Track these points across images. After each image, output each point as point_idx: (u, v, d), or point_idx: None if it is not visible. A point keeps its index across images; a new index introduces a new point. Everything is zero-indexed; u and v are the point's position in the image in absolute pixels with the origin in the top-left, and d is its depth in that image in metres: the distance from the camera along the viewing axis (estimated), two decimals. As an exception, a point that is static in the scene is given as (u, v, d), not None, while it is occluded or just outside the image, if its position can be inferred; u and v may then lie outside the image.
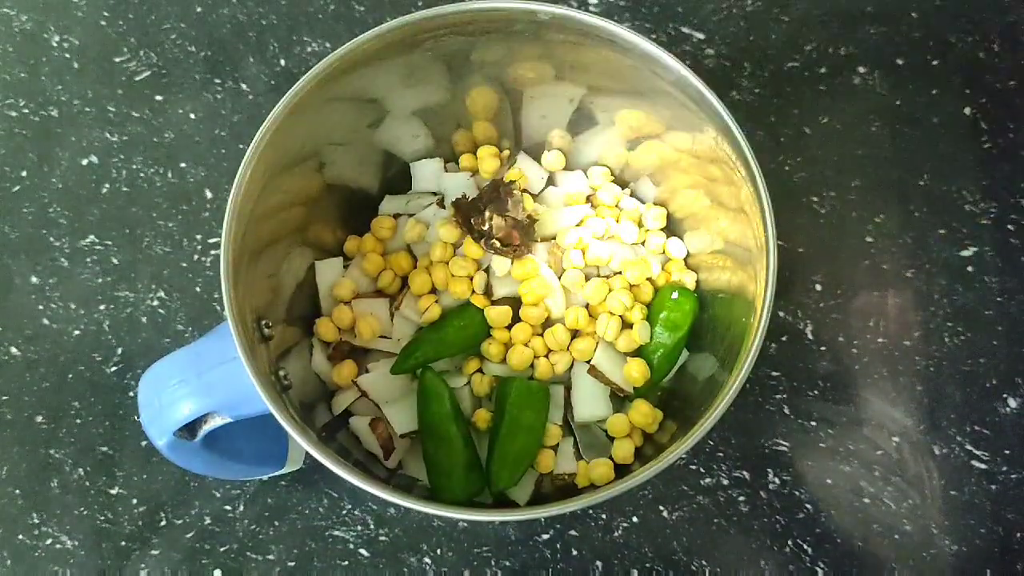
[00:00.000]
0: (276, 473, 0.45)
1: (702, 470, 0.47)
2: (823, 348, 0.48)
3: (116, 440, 0.48)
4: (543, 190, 0.46)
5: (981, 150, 0.50)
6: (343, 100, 0.39)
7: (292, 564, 0.46)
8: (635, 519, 0.46)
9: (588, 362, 0.43)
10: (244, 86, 0.52)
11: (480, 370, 0.44)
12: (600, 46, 0.37)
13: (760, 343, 0.34)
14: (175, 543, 0.46)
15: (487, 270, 0.44)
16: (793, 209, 0.49)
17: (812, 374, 0.47)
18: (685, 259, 0.45)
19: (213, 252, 0.50)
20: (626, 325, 0.43)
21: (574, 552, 0.46)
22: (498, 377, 0.43)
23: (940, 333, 0.48)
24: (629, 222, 0.45)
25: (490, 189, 0.43)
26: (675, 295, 0.43)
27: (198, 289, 0.50)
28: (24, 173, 0.51)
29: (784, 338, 0.48)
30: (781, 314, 0.48)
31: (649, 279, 0.44)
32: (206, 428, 0.36)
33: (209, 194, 0.51)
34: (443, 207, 0.45)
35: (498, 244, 0.42)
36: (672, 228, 0.46)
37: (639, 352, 0.43)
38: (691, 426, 0.34)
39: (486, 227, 0.42)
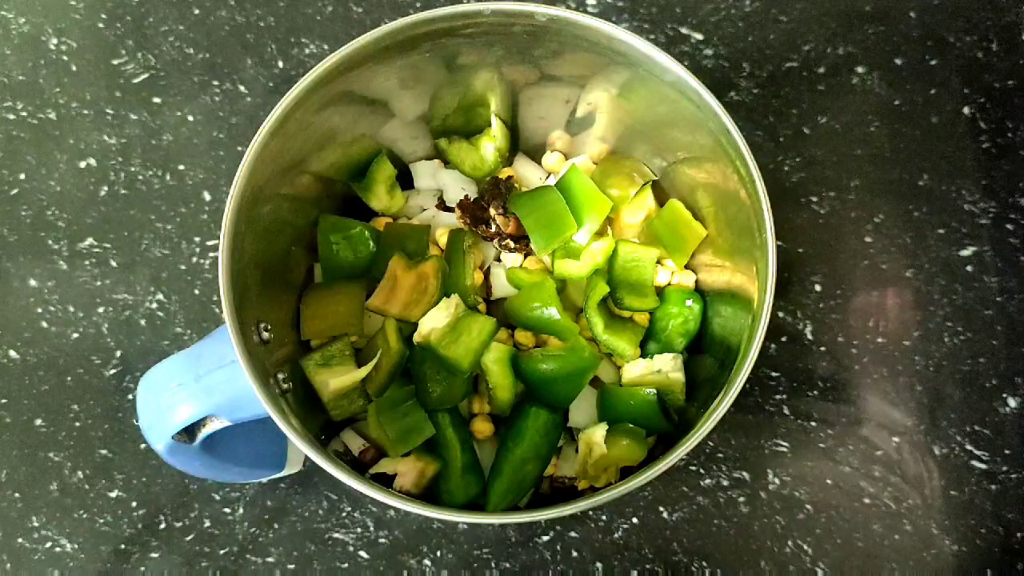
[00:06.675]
0: (275, 476, 0.45)
1: (702, 471, 0.46)
2: (822, 348, 0.48)
3: (115, 443, 0.48)
4: (542, 191, 0.46)
5: (980, 150, 0.50)
6: (341, 102, 0.39)
7: (292, 567, 0.46)
8: (635, 520, 0.46)
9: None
10: (242, 88, 0.52)
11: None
12: (598, 47, 0.37)
13: (759, 344, 0.34)
14: (174, 546, 0.46)
15: (486, 272, 0.44)
16: (792, 209, 0.49)
17: (812, 374, 0.47)
18: (684, 260, 0.45)
19: (212, 254, 0.50)
20: (625, 326, 0.43)
21: (574, 553, 0.46)
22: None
23: (940, 333, 0.48)
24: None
25: (491, 186, 0.43)
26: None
27: (197, 292, 0.49)
28: (22, 176, 0.51)
29: (783, 338, 0.48)
30: (780, 314, 0.48)
31: (648, 279, 0.44)
32: (205, 431, 0.36)
33: (207, 196, 0.51)
34: (442, 208, 0.45)
35: (511, 242, 0.42)
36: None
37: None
38: (691, 427, 0.34)
39: (493, 227, 0.42)
